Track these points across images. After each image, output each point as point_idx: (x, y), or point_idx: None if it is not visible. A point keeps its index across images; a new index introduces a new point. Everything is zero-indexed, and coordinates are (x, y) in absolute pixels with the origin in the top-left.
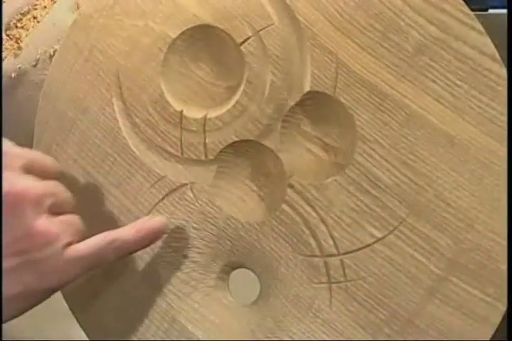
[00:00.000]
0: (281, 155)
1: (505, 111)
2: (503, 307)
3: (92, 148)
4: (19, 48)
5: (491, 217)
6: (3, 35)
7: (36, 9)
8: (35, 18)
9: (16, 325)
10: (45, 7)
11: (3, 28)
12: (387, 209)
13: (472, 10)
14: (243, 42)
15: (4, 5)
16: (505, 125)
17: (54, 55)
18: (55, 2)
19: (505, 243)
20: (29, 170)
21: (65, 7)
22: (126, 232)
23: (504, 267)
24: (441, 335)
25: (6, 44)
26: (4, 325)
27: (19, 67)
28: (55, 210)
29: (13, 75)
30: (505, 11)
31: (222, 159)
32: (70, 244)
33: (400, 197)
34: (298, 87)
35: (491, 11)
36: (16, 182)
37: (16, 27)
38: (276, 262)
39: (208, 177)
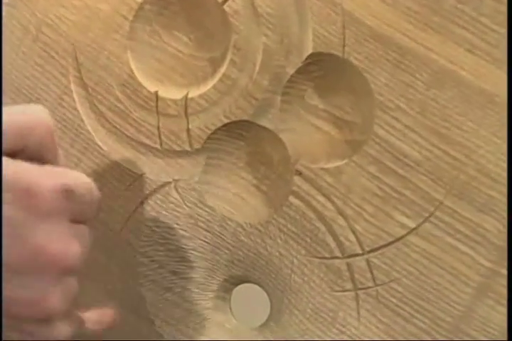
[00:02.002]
0: (283, 137)
1: None
2: None
3: None
4: None
5: None
6: None
7: None
8: None
9: None
10: None
11: None
12: (419, 191)
13: None
14: None
15: None
16: None
17: None
18: None
19: None
20: None
21: None
22: None
23: None
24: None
25: None
26: None
27: None
28: None
29: None
30: None
31: (211, 148)
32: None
33: (433, 175)
34: (298, 50)
35: None
36: None
37: None
38: (288, 270)
39: (195, 171)
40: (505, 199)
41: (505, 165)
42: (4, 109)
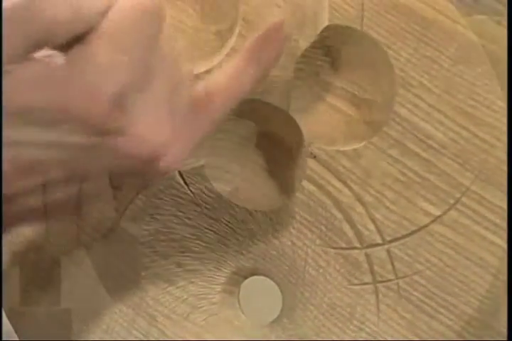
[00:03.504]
0: (296, 117)
1: None
2: None
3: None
4: None
5: None
6: None
7: None
8: None
9: None
10: None
11: None
12: (445, 176)
13: None
14: None
15: None
16: None
17: None
18: None
19: None
20: None
21: None
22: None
23: None
24: None
25: None
26: None
27: None
28: None
29: None
30: None
31: (218, 128)
32: None
33: (460, 158)
34: (312, 23)
35: None
36: None
37: None
38: (302, 261)
39: (200, 154)
40: None
41: None
42: None
